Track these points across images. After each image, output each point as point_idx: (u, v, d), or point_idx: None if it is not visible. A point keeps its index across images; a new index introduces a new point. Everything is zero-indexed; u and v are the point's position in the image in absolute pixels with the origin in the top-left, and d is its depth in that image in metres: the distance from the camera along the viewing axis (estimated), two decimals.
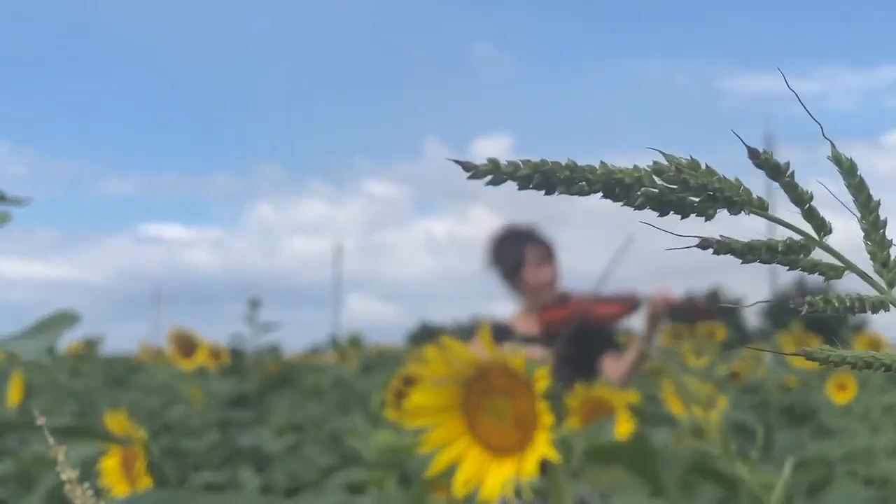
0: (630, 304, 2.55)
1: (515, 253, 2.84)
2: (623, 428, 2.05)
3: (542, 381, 0.78)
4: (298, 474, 2.72)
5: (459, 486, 0.79)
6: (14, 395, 2.94)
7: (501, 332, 2.92)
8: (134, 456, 1.54)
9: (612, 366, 2.61)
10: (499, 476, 0.79)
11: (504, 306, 3.05)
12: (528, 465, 0.78)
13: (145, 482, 1.53)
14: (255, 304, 4.27)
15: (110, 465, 1.60)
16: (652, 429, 2.26)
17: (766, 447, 4.41)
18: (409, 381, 2.24)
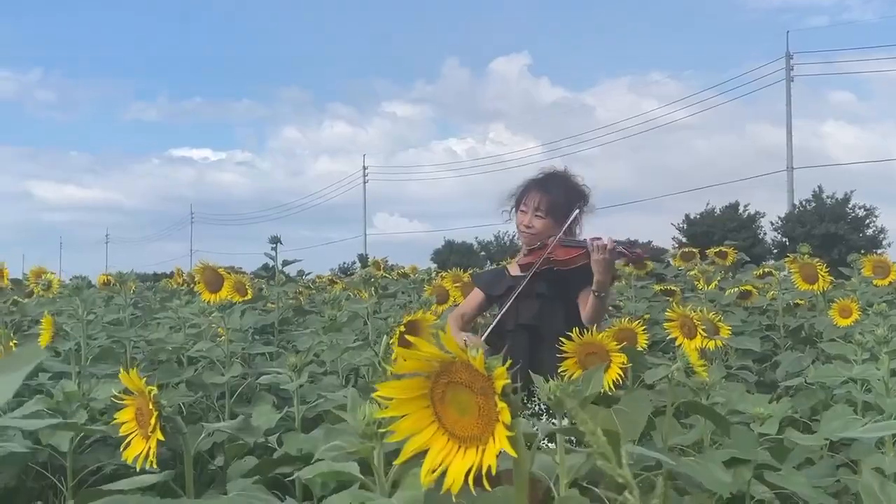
0: (583, 250, 2.70)
1: (520, 195, 2.93)
2: (614, 372, 2.15)
3: (501, 379, 0.86)
4: (317, 406, 2.84)
5: (426, 473, 0.88)
6: (45, 335, 3.07)
7: (499, 275, 3.01)
8: (148, 409, 1.64)
9: (583, 305, 2.74)
10: (462, 465, 0.87)
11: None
12: (488, 457, 0.86)
13: (157, 436, 1.64)
14: (275, 241, 4.38)
15: (126, 416, 1.71)
16: (647, 370, 2.36)
17: (772, 368, 4.51)
18: (412, 327, 2.34)
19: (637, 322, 3.48)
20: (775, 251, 32.12)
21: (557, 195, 2.90)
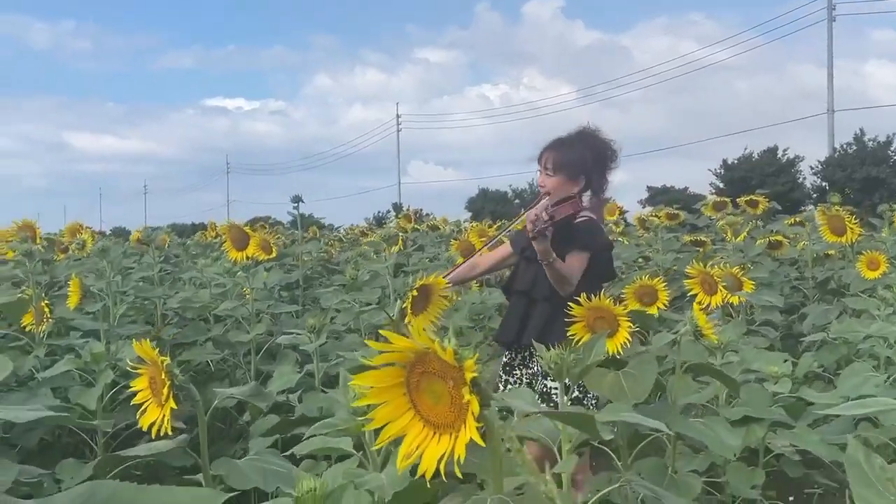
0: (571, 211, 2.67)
1: (539, 156, 2.93)
2: (622, 336, 2.17)
3: (470, 371, 0.88)
4: (338, 364, 2.89)
5: (402, 458, 0.91)
6: (73, 297, 3.14)
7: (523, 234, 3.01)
8: (160, 379, 1.69)
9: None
10: (436, 451, 0.90)
11: None
12: (459, 446, 0.89)
13: (170, 405, 1.69)
14: (297, 200, 4.42)
15: (141, 384, 1.77)
16: (655, 334, 2.37)
17: (801, 320, 4.49)
18: (424, 291, 2.37)
19: (658, 279, 3.49)
20: (815, 196, 31.61)
21: (567, 152, 2.89)
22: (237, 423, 3.34)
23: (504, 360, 2.88)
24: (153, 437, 1.75)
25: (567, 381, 1.67)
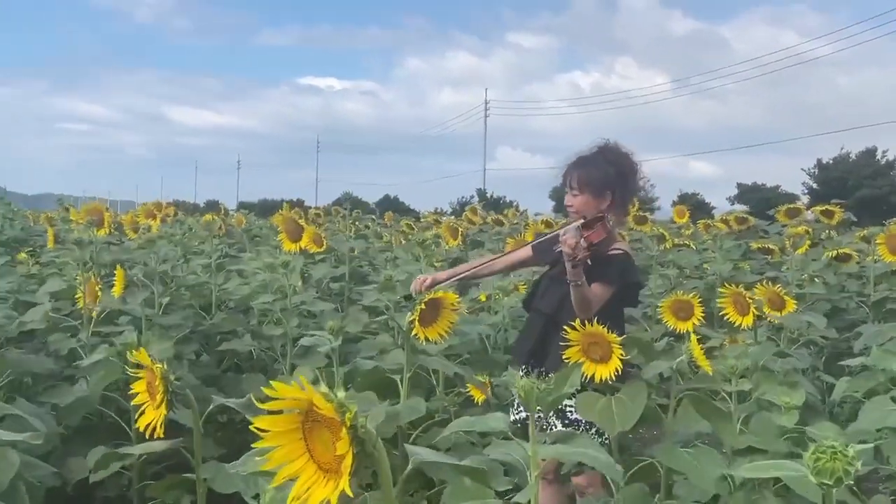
0: (604, 234, 2.69)
1: (563, 176, 2.94)
2: (615, 363, 2.20)
3: (349, 424, 0.94)
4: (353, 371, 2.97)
5: (291, 498, 0.98)
6: (117, 286, 3.30)
7: (553, 242, 3.02)
8: (156, 385, 1.80)
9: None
10: (322, 494, 0.96)
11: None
12: (334, 497, 0.95)
13: (162, 411, 1.79)
14: (347, 199, 4.51)
15: (139, 387, 1.87)
16: (650, 362, 2.38)
17: (855, 339, 4.38)
18: (433, 304, 2.43)
19: (694, 294, 3.48)
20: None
21: (590, 170, 2.89)
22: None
23: (520, 374, 2.90)
24: (147, 438, 1.86)
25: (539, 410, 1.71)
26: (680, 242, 7.40)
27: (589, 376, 2.23)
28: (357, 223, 10.43)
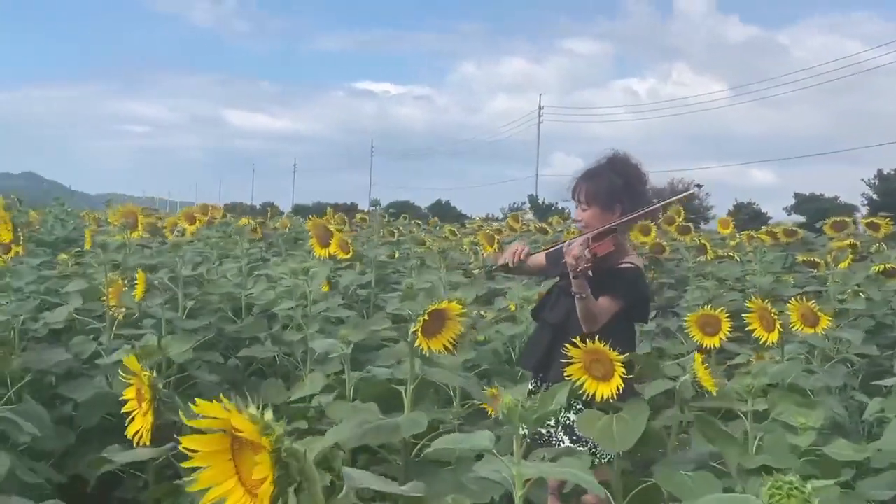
0: (612, 248, 2.64)
1: (571, 189, 2.90)
2: (616, 381, 2.14)
3: (271, 447, 0.92)
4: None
5: None
6: (139, 289, 3.33)
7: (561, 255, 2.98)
8: (142, 393, 1.80)
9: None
10: None
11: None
12: None
13: (148, 418, 1.79)
14: (375, 204, 4.51)
15: (130, 394, 1.87)
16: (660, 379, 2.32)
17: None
18: (437, 315, 2.40)
19: (721, 309, 3.40)
20: None
21: (598, 182, 2.85)
22: None
23: (530, 388, 2.86)
24: (135, 445, 1.86)
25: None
26: (724, 254, 7.26)
27: (590, 394, 2.18)
28: (399, 228, 10.45)
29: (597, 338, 2.34)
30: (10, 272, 3.71)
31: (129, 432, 1.85)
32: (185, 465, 0.96)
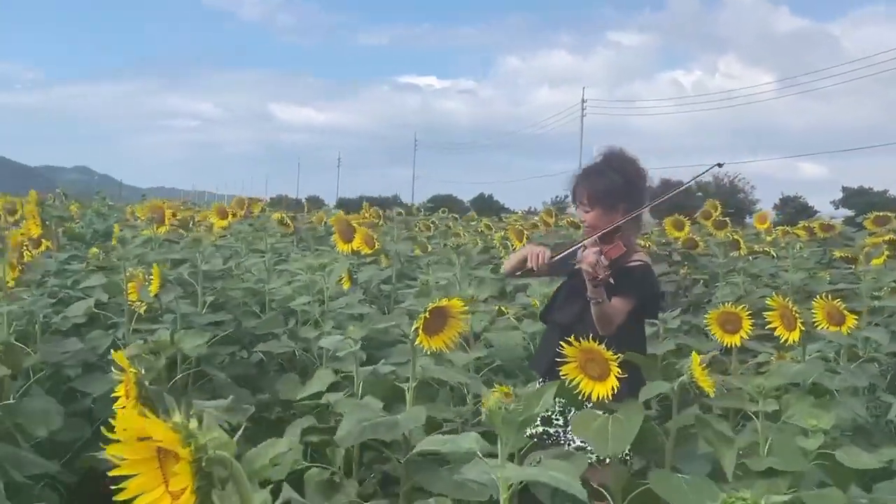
0: (623, 250, 2.59)
1: (572, 190, 2.85)
2: (611, 381, 2.11)
3: (189, 458, 0.91)
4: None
5: None
6: (154, 284, 3.36)
7: (574, 255, 2.94)
8: (128, 388, 1.80)
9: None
10: None
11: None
12: None
13: (134, 412, 1.79)
14: (396, 202, 4.49)
15: (120, 391, 1.88)
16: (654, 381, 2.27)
17: None
18: (438, 313, 2.38)
19: (742, 307, 3.33)
20: None
21: (597, 182, 2.80)
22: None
23: (538, 387, 2.82)
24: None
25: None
26: (760, 249, 7.14)
27: (587, 394, 2.15)
28: (434, 222, 10.44)
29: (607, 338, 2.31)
30: (34, 266, 3.76)
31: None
32: (111, 473, 0.95)
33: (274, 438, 1.26)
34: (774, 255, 6.86)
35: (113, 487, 0.94)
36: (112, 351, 3.14)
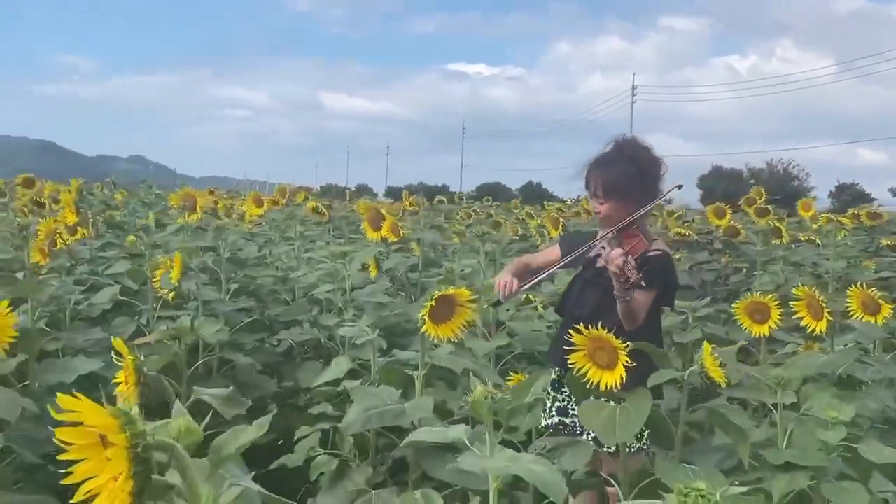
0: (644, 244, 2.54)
1: (585, 179, 2.78)
2: (619, 370, 2.06)
3: (123, 449, 0.89)
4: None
5: None
6: (175, 273, 3.38)
7: (586, 242, 2.86)
8: (127, 375, 1.80)
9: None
10: None
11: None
12: None
13: (132, 400, 1.80)
14: (414, 192, 4.46)
15: (121, 377, 1.88)
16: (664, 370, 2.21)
17: None
18: (445, 301, 2.35)
19: (770, 296, 3.25)
20: None
21: (611, 173, 2.70)
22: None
23: (553, 376, 2.77)
24: None
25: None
26: (805, 237, 6.99)
27: (594, 383, 2.10)
28: (476, 210, 10.40)
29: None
30: (65, 253, 3.81)
31: None
32: (60, 457, 0.94)
33: (242, 425, 1.25)
34: (819, 242, 6.71)
35: (62, 472, 0.93)
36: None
